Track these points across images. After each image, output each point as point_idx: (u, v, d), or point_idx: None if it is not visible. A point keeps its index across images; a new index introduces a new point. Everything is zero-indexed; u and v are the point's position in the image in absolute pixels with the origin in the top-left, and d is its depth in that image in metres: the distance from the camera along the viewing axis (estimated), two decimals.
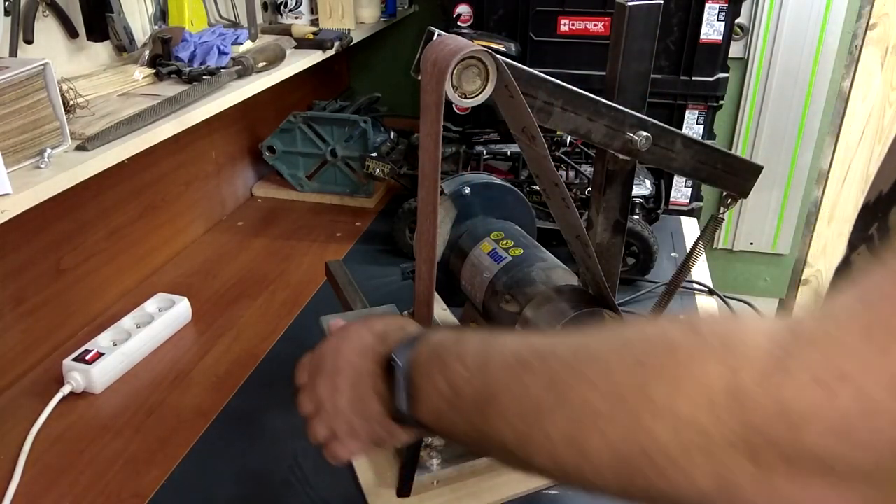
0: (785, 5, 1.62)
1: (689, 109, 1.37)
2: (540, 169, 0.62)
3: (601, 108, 0.64)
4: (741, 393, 0.29)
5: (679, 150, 0.68)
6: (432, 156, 0.55)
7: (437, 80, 0.53)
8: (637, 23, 0.66)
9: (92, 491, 0.75)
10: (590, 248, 0.66)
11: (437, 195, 0.57)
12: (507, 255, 0.81)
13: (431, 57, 0.54)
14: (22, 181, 0.70)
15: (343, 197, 1.48)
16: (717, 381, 0.30)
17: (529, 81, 0.59)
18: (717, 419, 0.30)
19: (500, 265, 0.80)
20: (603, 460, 0.34)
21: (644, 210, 1.23)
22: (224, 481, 0.76)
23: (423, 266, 0.60)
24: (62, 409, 0.86)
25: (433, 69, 0.53)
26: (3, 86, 0.68)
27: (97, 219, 1.05)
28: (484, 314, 0.82)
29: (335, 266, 0.97)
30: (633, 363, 0.34)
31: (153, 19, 1.13)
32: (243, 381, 0.92)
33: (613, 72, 0.68)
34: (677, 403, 0.31)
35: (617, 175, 0.70)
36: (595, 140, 0.65)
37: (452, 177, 0.92)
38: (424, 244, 0.59)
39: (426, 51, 0.55)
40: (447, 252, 0.89)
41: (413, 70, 0.58)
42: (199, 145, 1.32)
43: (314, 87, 1.72)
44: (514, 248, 0.82)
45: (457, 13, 1.39)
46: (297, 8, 1.45)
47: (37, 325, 0.95)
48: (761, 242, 1.93)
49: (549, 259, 0.80)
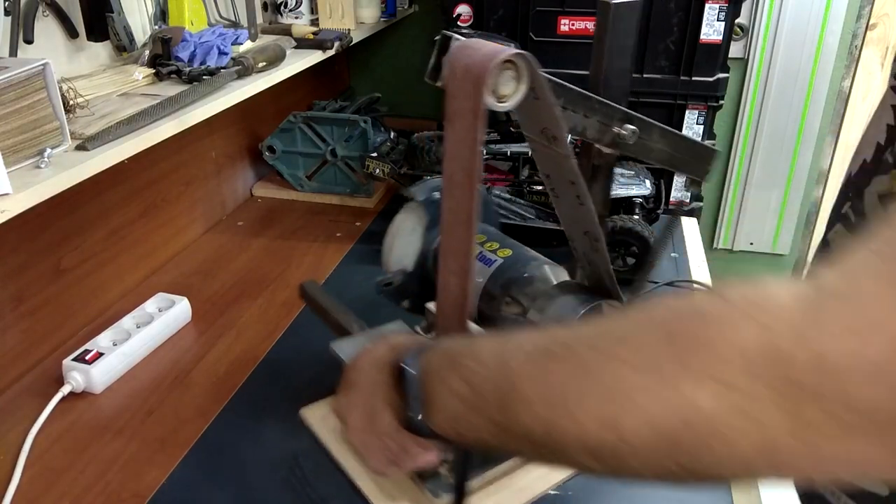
0: (785, 5, 1.62)
1: (689, 109, 1.37)
2: (557, 169, 0.62)
3: (594, 105, 0.65)
4: (778, 350, 0.29)
5: (656, 140, 0.70)
6: (467, 164, 0.54)
7: (475, 86, 0.52)
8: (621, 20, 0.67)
9: (92, 491, 0.75)
10: (599, 242, 0.66)
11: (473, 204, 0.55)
12: (497, 256, 0.79)
13: (461, 62, 0.53)
14: (22, 181, 0.70)
15: (343, 197, 1.48)
16: (753, 341, 0.30)
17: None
18: (757, 378, 0.29)
19: (492, 268, 0.78)
20: (642, 439, 0.33)
21: (644, 210, 1.23)
22: (224, 481, 0.76)
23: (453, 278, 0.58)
24: (62, 409, 0.86)
25: (466, 75, 0.52)
26: (3, 86, 0.68)
27: (97, 219, 1.05)
28: (480, 320, 0.80)
29: (312, 287, 0.90)
30: (665, 335, 0.33)
31: (153, 19, 1.13)
32: (243, 381, 0.92)
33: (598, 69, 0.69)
34: (715, 368, 0.31)
35: (602, 169, 0.71)
36: (589, 136, 0.66)
37: (419, 183, 0.89)
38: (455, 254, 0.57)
39: (452, 56, 0.54)
40: (419, 262, 0.86)
41: (429, 76, 0.57)
42: (199, 145, 1.32)
43: (314, 87, 1.72)
44: (500, 249, 0.80)
45: (457, 13, 1.39)
46: (297, 8, 1.45)
47: (37, 325, 0.95)
48: (761, 242, 1.93)
49: (539, 257, 0.80)
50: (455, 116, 0.54)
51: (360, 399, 0.52)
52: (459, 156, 0.54)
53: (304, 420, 0.82)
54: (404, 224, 0.86)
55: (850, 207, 0.56)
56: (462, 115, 0.53)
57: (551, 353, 0.38)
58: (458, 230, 0.56)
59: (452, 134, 0.54)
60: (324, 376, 0.92)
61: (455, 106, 0.54)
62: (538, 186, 1.18)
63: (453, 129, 0.54)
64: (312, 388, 0.90)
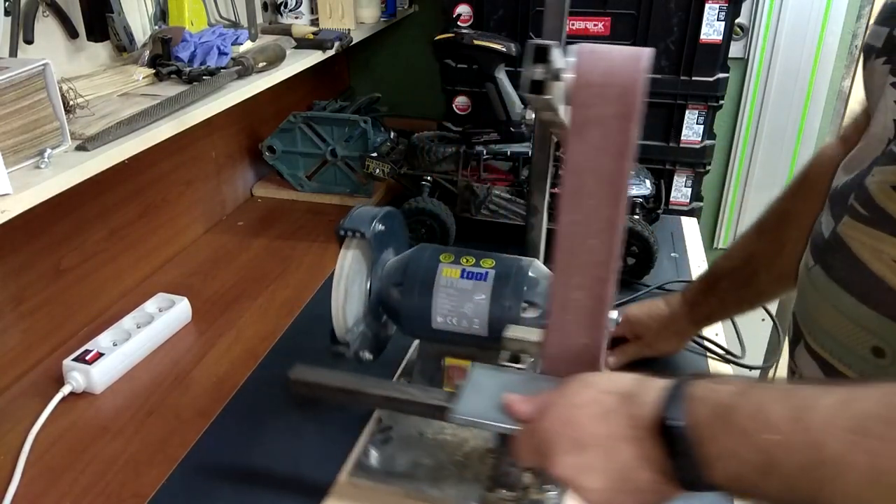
0: (785, 5, 1.62)
1: (689, 109, 1.37)
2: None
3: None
4: None
5: None
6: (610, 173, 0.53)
7: (625, 90, 0.51)
8: None
9: (92, 491, 0.75)
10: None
11: (619, 212, 0.54)
12: (483, 268, 0.75)
13: (598, 68, 0.51)
14: (22, 181, 0.70)
15: (343, 197, 1.48)
16: None
17: None
18: None
19: (489, 281, 0.74)
20: None
21: (644, 210, 1.23)
22: (224, 481, 0.76)
23: (577, 293, 0.56)
24: (62, 409, 0.86)
25: (609, 80, 0.51)
26: (3, 86, 0.68)
27: (97, 219, 1.05)
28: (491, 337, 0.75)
29: (310, 374, 0.70)
30: None
31: (153, 19, 1.13)
32: (243, 381, 0.92)
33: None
34: None
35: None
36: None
37: (350, 215, 0.78)
38: (583, 267, 0.55)
39: (581, 64, 0.52)
40: (373, 303, 0.78)
41: (531, 89, 0.54)
42: (199, 145, 1.32)
43: (314, 87, 1.72)
44: (483, 260, 0.76)
45: (457, 13, 1.39)
46: (297, 8, 1.45)
47: (37, 325, 0.95)
48: None
49: (515, 257, 0.79)
50: (588, 125, 0.52)
51: (596, 461, 0.47)
52: (596, 166, 0.53)
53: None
54: (348, 269, 0.75)
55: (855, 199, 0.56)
56: (600, 122, 0.52)
57: (868, 430, 0.39)
58: (590, 242, 0.54)
59: (582, 144, 0.53)
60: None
61: (588, 114, 0.52)
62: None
63: (583, 139, 0.52)
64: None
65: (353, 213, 0.77)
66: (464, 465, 0.76)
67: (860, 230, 0.55)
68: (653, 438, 0.45)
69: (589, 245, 0.55)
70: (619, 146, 0.52)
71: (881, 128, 0.55)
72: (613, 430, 0.47)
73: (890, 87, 0.54)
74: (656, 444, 0.45)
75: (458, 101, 1.48)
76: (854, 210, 0.56)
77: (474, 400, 0.60)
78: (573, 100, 0.52)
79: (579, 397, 0.50)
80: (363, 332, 0.76)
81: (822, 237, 0.60)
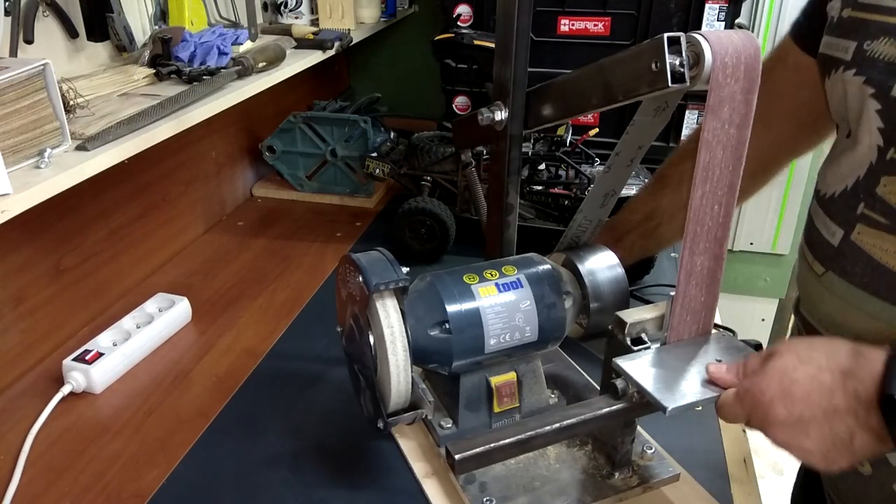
0: (785, 5, 1.62)
1: (690, 109, 1.37)
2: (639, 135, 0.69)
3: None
4: None
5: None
6: (735, 143, 0.57)
7: (749, 67, 0.55)
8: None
9: (92, 491, 0.75)
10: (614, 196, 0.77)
11: (737, 178, 0.59)
12: (513, 276, 0.74)
13: (728, 51, 0.55)
14: (22, 181, 0.70)
15: (343, 197, 1.48)
16: None
17: None
18: None
19: (527, 286, 0.73)
20: None
21: None
22: (224, 481, 0.76)
23: (700, 259, 0.60)
24: (62, 409, 0.86)
25: (737, 60, 0.55)
26: (3, 86, 0.68)
27: (97, 219, 1.05)
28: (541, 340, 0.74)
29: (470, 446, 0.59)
30: None
31: (153, 19, 1.13)
32: (243, 381, 0.92)
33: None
34: None
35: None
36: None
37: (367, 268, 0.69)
38: (708, 233, 0.60)
39: (716, 47, 0.54)
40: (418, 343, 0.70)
41: (674, 79, 0.56)
42: (199, 145, 1.32)
43: (314, 87, 1.72)
44: (506, 268, 0.75)
45: (457, 13, 1.39)
46: (297, 8, 1.45)
47: (37, 325, 0.95)
48: (761, 242, 1.93)
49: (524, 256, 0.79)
50: (722, 103, 0.56)
51: (815, 429, 0.51)
52: (726, 138, 0.57)
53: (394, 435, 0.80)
54: (399, 325, 0.67)
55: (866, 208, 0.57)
56: (731, 98, 0.56)
57: None
58: (714, 209, 0.59)
59: (716, 121, 0.57)
60: (324, 376, 0.92)
61: (722, 94, 0.56)
62: (538, 186, 1.18)
63: (717, 116, 0.56)
64: (313, 388, 0.90)
65: (369, 265, 0.69)
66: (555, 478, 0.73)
67: (883, 238, 0.56)
68: (875, 409, 0.48)
69: (714, 212, 0.59)
70: (744, 117, 0.57)
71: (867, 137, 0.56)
72: (834, 404, 0.50)
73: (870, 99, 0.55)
74: (878, 415, 0.48)
75: (458, 101, 1.48)
76: (870, 219, 0.57)
77: (664, 387, 0.59)
78: (712, 82, 0.55)
79: (797, 373, 0.52)
80: (424, 391, 0.69)
81: (831, 245, 0.61)
